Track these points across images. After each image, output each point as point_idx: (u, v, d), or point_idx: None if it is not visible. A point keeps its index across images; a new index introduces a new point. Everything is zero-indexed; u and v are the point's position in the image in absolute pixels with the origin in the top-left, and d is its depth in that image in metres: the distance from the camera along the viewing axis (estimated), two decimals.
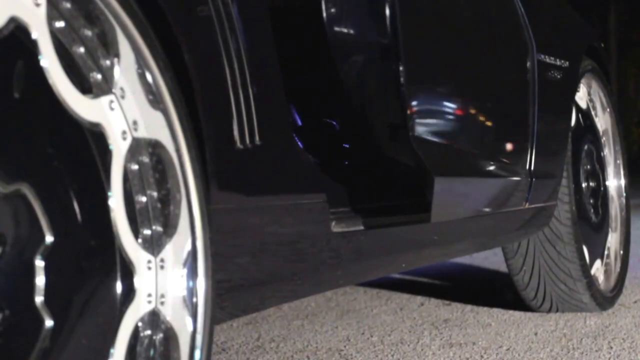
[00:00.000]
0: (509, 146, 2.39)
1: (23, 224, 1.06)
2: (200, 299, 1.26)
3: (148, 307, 1.21)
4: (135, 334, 1.20)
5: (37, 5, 1.07)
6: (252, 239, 1.50)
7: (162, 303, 1.23)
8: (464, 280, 3.85)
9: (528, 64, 2.52)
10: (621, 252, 3.12)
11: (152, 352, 1.22)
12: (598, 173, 3.05)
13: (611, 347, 2.40)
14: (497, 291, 3.28)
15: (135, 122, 1.21)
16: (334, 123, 2.08)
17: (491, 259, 4.03)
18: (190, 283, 1.26)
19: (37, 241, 1.06)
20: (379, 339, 2.58)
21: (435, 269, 3.97)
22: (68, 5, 1.14)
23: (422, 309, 3.09)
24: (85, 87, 1.15)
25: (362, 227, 1.78)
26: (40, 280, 1.06)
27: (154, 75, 1.22)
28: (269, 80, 1.53)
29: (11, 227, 1.05)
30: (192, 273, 1.26)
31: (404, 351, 2.43)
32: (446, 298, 3.27)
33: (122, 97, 1.19)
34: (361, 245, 1.82)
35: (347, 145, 2.04)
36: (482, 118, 2.25)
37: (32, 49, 1.06)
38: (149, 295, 1.22)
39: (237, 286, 1.50)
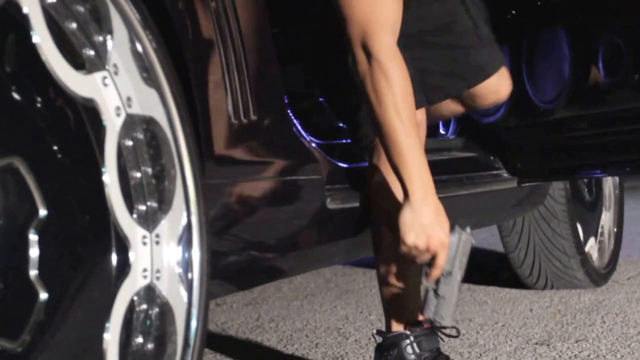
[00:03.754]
0: None
1: (16, 198, 1.07)
2: (196, 274, 1.27)
3: (144, 282, 1.22)
4: (131, 308, 1.20)
5: None
6: (247, 215, 1.51)
7: (157, 278, 1.24)
8: None
9: None
10: (615, 230, 3.13)
11: (148, 326, 1.23)
12: None
13: (604, 322, 2.42)
14: (493, 270, 3.29)
15: (129, 99, 1.21)
16: None
17: (489, 240, 4.04)
18: (186, 258, 1.26)
19: (30, 215, 1.07)
20: (377, 317, 2.59)
21: None
22: None
23: None
24: (78, 63, 1.16)
25: (356, 204, 1.79)
26: (34, 254, 1.07)
27: (147, 52, 1.22)
28: (263, 55, 1.53)
29: (4, 201, 1.05)
30: (188, 248, 1.27)
31: None
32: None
33: (116, 73, 1.19)
34: (356, 222, 1.83)
35: None
36: None
37: (23, 24, 1.07)
38: (145, 270, 1.22)
39: (233, 262, 1.51)
